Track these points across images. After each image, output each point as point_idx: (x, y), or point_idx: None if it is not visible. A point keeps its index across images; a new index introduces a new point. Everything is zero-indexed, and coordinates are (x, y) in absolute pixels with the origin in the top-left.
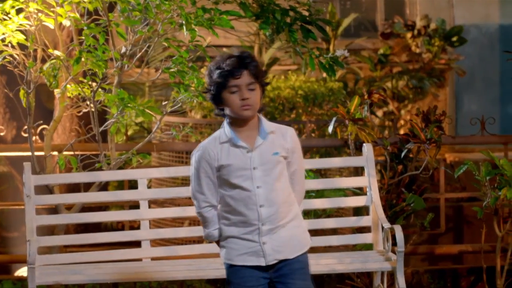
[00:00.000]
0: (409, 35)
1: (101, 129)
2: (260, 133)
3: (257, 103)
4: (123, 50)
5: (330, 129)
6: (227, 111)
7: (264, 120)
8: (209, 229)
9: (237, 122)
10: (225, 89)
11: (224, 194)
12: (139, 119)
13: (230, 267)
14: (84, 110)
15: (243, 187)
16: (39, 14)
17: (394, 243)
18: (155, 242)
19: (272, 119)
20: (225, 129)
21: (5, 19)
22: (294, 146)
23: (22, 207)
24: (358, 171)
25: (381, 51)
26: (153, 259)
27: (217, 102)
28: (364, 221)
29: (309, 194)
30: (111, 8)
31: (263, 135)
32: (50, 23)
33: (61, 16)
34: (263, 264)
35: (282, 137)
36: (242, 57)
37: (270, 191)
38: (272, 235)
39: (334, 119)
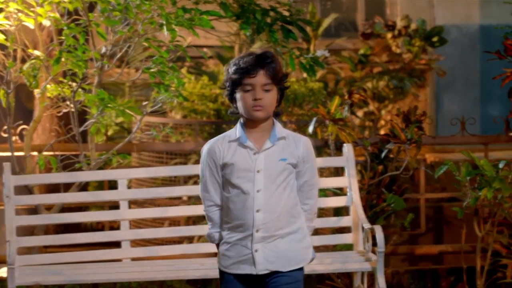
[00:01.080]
0: (389, 35)
1: (81, 129)
2: (270, 137)
3: (271, 105)
4: (103, 50)
5: (311, 129)
6: (239, 109)
7: (279, 125)
8: (210, 230)
9: (249, 123)
10: (239, 87)
11: (225, 196)
12: (119, 119)
13: (224, 274)
14: (64, 110)
15: (243, 189)
16: (19, 14)
17: (374, 244)
18: (135, 243)
19: None
20: (237, 129)
21: None
22: (306, 155)
23: (2, 207)
24: (338, 172)
25: (361, 51)
26: (133, 259)
27: (232, 100)
28: (344, 221)
29: None
30: (91, 8)
31: (273, 139)
32: (30, 23)
33: (41, 16)
34: (254, 272)
35: (295, 145)
36: (262, 57)
37: (269, 197)
38: (267, 244)
39: (314, 119)
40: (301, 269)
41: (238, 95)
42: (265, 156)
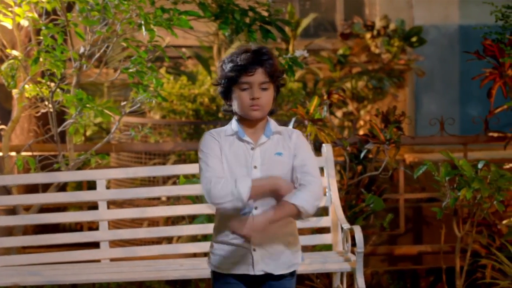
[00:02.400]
0: (368, 35)
1: (59, 129)
2: (265, 132)
3: (268, 104)
4: (82, 50)
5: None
6: (235, 107)
7: (272, 121)
8: (240, 196)
9: (245, 121)
10: (235, 85)
11: None
12: (98, 120)
13: (216, 275)
14: (43, 111)
15: None
16: None
17: (354, 244)
18: (114, 243)
19: (230, 119)
20: (232, 124)
21: None
22: (297, 142)
23: None
24: None
25: (340, 51)
26: (112, 260)
27: (227, 97)
28: (323, 221)
29: None
30: (69, 8)
31: (268, 134)
32: (8, 23)
33: (19, 16)
34: (251, 273)
35: (289, 138)
36: (259, 53)
37: None
38: (265, 244)
39: (293, 119)
40: (294, 275)
41: (234, 94)
42: (261, 151)
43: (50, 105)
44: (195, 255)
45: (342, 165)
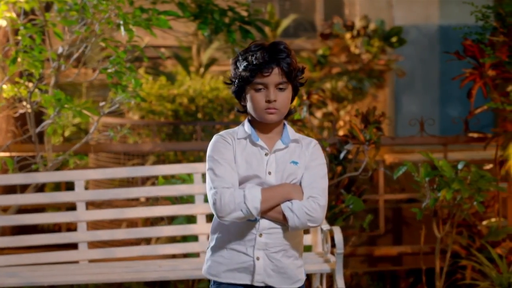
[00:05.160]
0: (348, 35)
1: (37, 130)
2: (282, 138)
3: (285, 107)
4: (60, 50)
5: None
6: (249, 109)
7: (289, 127)
8: (250, 209)
9: (259, 124)
10: (249, 85)
11: None
12: (76, 120)
13: (214, 285)
14: (21, 111)
15: None
16: None
17: (333, 245)
18: (92, 244)
19: (211, 120)
20: (245, 126)
21: None
22: (313, 152)
23: None
24: None
25: (320, 51)
26: (90, 261)
27: (240, 98)
28: None
29: None
30: (48, 8)
31: (286, 141)
32: None
33: None
34: (250, 283)
35: (306, 148)
36: (276, 51)
37: None
38: (269, 253)
39: None
40: None
41: (248, 94)
42: (276, 157)
43: (28, 106)
44: (174, 256)
45: None
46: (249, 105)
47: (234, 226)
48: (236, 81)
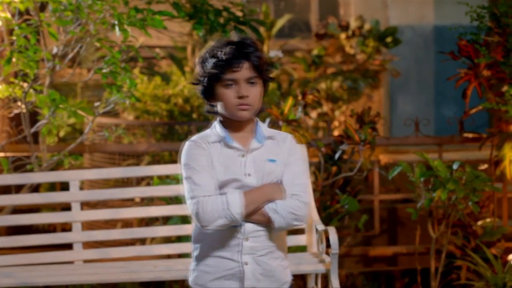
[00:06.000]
0: (343, 36)
1: (32, 130)
2: (256, 136)
3: (258, 102)
4: (55, 50)
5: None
6: (219, 108)
7: (261, 124)
8: (233, 216)
9: (231, 124)
10: (219, 82)
11: None
12: (71, 120)
13: None
14: (16, 111)
15: None
16: None
17: (328, 245)
18: (88, 244)
19: (206, 120)
20: (216, 128)
21: None
22: (290, 148)
23: None
24: None
25: (315, 52)
26: (85, 261)
27: (209, 97)
28: None
29: None
30: (42, 8)
31: (260, 139)
32: None
33: None
34: None
35: (282, 143)
36: (244, 45)
37: None
38: (257, 257)
39: (267, 120)
40: None
41: (217, 92)
42: (254, 157)
43: (23, 106)
44: (169, 256)
45: (317, 166)
46: (219, 104)
47: (218, 233)
48: (205, 79)
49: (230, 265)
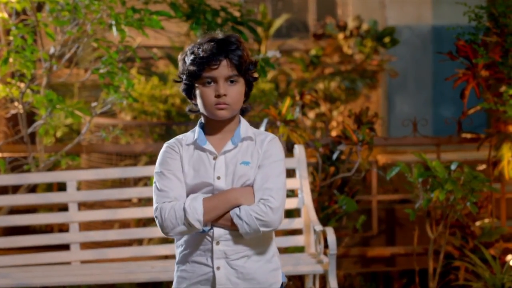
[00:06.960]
0: (341, 36)
1: (29, 130)
2: (233, 137)
3: (237, 101)
4: (52, 50)
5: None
6: (200, 107)
7: (245, 124)
8: (190, 220)
9: (211, 123)
10: (198, 80)
11: None
12: (68, 121)
13: None
14: (13, 112)
15: None
16: None
17: (326, 246)
18: (85, 245)
19: None
20: (196, 129)
21: None
22: (267, 150)
23: None
24: (289, 173)
25: (313, 52)
26: (82, 262)
27: (190, 95)
28: (295, 223)
29: None
30: (39, 8)
31: (235, 140)
32: None
33: None
34: None
35: (260, 145)
36: (225, 42)
37: None
38: (231, 261)
39: (265, 120)
40: None
41: (197, 91)
42: (226, 160)
43: (20, 106)
44: (166, 257)
45: (315, 167)
46: (199, 102)
47: (192, 238)
48: (184, 77)
49: (204, 270)
